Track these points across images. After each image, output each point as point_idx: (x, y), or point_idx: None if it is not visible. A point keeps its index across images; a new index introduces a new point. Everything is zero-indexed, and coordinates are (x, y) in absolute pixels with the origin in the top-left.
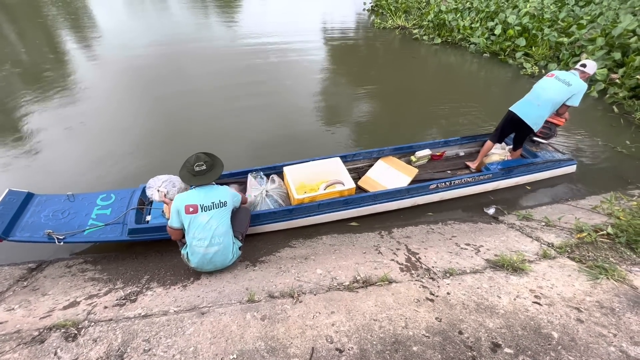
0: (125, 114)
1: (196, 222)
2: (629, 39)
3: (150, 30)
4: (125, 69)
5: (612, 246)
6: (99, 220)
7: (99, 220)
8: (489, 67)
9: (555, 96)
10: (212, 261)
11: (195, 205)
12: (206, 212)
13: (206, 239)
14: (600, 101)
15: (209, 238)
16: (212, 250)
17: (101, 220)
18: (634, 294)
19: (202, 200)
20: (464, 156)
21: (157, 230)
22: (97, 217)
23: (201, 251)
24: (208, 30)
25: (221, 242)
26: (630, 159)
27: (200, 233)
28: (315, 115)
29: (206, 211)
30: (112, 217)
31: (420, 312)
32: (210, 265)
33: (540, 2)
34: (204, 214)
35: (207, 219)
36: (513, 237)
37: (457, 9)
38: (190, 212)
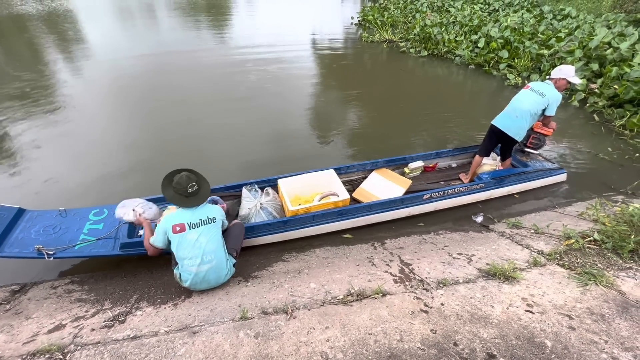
0: (117, 128)
1: (185, 240)
2: (605, 51)
3: (140, 43)
4: (116, 84)
5: (599, 252)
6: (91, 235)
7: (91, 235)
8: (475, 78)
9: (530, 107)
10: (205, 279)
11: (182, 224)
12: (194, 229)
13: (197, 256)
14: (582, 110)
15: (199, 256)
16: (204, 268)
17: (93, 235)
18: (622, 299)
19: (190, 219)
20: (457, 167)
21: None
22: (89, 231)
23: (194, 270)
24: (198, 45)
25: (213, 258)
26: (612, 166)
27: (191, 251)
28: (308, 128)
29: (194, 228)
30: (104, 231)
31: (415, 324)
32: (204, 283)
33: (520, 17)
34: (192, 231)
35: (196, 236)
36: (504, 245)
37: (441, 23)
38: (177, 231)
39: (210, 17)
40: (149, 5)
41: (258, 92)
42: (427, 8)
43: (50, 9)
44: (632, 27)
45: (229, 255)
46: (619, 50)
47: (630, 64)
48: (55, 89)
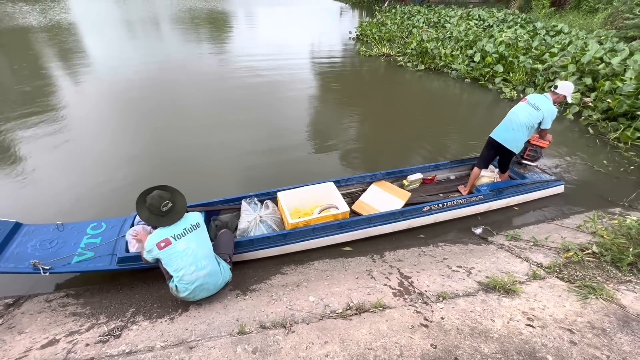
0: (115, 142)
1: (175, 252)
2: (597, 66)
3: (140, 56)
4: (116, 97)
5: (599, 265)
6: (88, 249)
7: (88, 249)
8: (471, 91)
9: (526, 120)
10: (204, 287)
11: (167, 239)
12: (181, 239)
13: (192, 264)
14: (576, 123)
15: (194, 263)
16: (201, 274)
17: (90, 249)
18: (622, 313)
19: (172, 231)
20: (455, 180)
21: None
22: (86, 246)
23: (191, 279)
24: (199, 59)
25: (207, 264)
26: (608, 178)
27: (184, 261)
28: (307, 141)
29: (180, 239)
30: (102, 246)
31: (415, 338)
32: (204, 292)
33: (514, 32)
34: (180, 241)
35: (186, 244)
36: (503, 257)
37: (438, 38)
38: (163, 247)
39: (211, 31)
40: (152, 18)
41: (258, 105)
42: (423, 24)
43: (53, 22)
44: (622, 43)
45: (222, 260)
46: (611, 65)
47: (622, 79)
48: (53, 102)
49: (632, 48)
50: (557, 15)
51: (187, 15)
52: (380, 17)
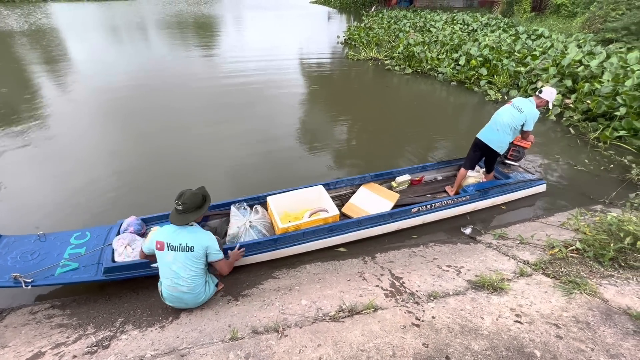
0: (101, 148)
1: (163, 259)
2: (576, 68)
3: (126, 62)
4: (100, 103)
5: (582, 260)
6: (72, 259)
7: (72, 259)
8: (457, 94)
9: (510, 121)
10: (182, 301)
11: (162, 242)
12: (171, 251)
13: (171, 278)
14: (558, 124)
15: (173, 278)
16: (178, 290)
17: (74, 259)
18: (605, 306)
19: (170, 239)
20: (442, 180)
21: (136, 267)
22: (70, 256)
23: (168, 290)
24: (186, 63)
25: (188, 284)
26: (590, 176)
27: (166, 272)
28: (296, 145)
29: (171, 250)
30: (86, 256)
31: (407, 338)
32: (181, 303)
33: (498, 36)
34: (170, 253)
35: (172, 259)
36: (491, 256)
37: (424, 42)
38: (158, 248)
39: (199, 35)
40: (139, 24)
41: (246, 110)
42: (410, 28)
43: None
44: (600, 46)
45: (211, 277)
46: (590, 67)
47: (600, 81)
48: (35, 108)
49: (609, 51)
50: (538, 20)
51: (175, 20)
52: (367, 21)
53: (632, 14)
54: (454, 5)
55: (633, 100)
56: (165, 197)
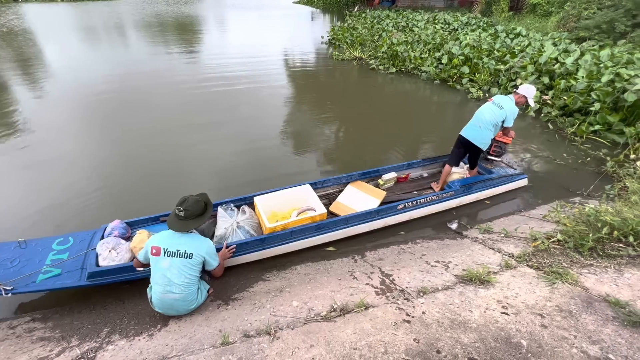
0: (82, 152)
1: (158, 265)
2: (553, 66)
3: (106, 64)
4: (80, 106)
5: (563, 251)
6: (54, 265)
7: (54, 265)
8: (440, 92)
9: (491, 118)
10: (173, 308)
11: (159, 248)
12: (168, 257)
13: (165, 285)
14: (537, 120)
15: (167, 285)
16: (170, 297)
17: (56, 265)
18: (586, 295)
19: (168, 245)
20: (428, 177)
21: (121, 271)
22: (52, 262)
23: (160, 296)
24: (168, 65)
25: (181, 291)
26: (568, 170)
27: (160, 278)
28: (282, 146)
29: (168, 256)
30: (69, 261)
31: (398, 335)
32: (172, 310)
33: (478, 35)
34: (166, 258)
35: (168, 265)
36: (477, 250)
37: (407, 42)
38: (154, 253)
39: (181, 36)
40: (117, 24)
41: (230, 110)
42: (392, 28)
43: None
44: (574, 44)
45: (204, 283)
46: (565, 65)
47: (575, 77)
48: (11, 112)
49: (582, 49)
50: (516, 19)
51: (155, 20)
52: (350, 21)
53: (603, 13)
54: (435, 5)
55: (606, 95)
56: (150, 200)
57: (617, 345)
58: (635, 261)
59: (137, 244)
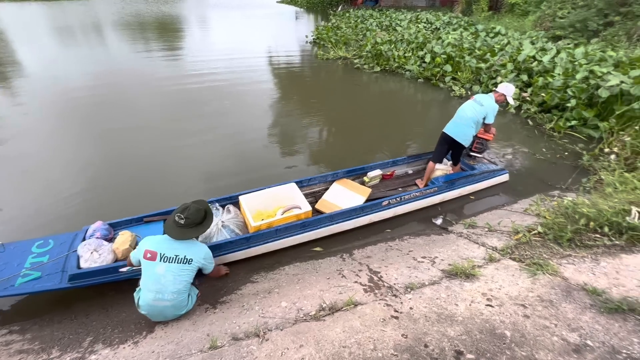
0: (62, 153)
1: (151, 270)
2: (531, 64)
3: (85, 64)
4: (60, 106)
5: (544, 243)
6: (34, 268)
7: (34, 268)
8: (424, 90)
9: (472, 115)
10: (162, 314)
11: (155, 253)
12: (165, 262)
13: (157, 292)
14: (517, 116)
15: (160, 292)
16: (161, 304)
17: (36, 268)
18: (565, 284)
19: (165, 250)
20: (413, 174)
21: (104, 273)
22: (32, 265)
23: (150, 302)
24: (151, 65)
25: (174, 298)
26: (547, 164)
27: (153, 284)
28: (268, 145)
29: (165, 262)
30: (49, 264)
31: (387, 331)
32: (161, 316)
33: (459, 34)
34: (162, 264)
35: (163, 271)
36: (462, 245)
37: (390, 41)
38: (148, 257)
39: (162, 36)
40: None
41: (215, 111)
42: (376, 27)
43: None
44: (550, 42)
45: (192, 287)
46: (542, 63)
47: (552, 75)
48: None
49: (558, 47)
50: (495, 18)
51: (135, 20)
52: (335, 21)
53: (577, 12)
54: (417, 5)
55: (581, 92)
56: (133, 200)
57: (595, 332)
58: (610, 250)
59: (120, 245)
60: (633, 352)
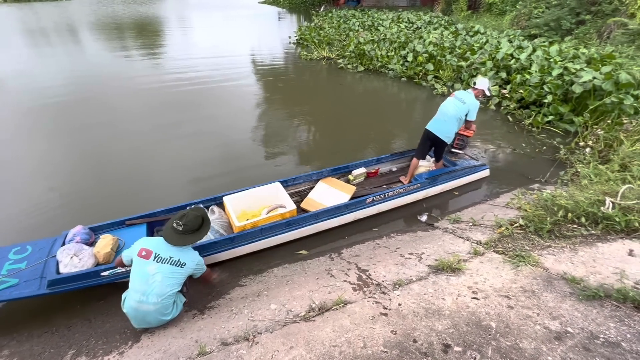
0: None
1: (142, 269)
2: (509, 61)
3: (61, 68)
4: (32, 112)
5: (525, 235)
6: (11, 275)
7: (11, 275)
8: (407, 89)
9: (454, 113)
10: (144, 320)
11: (150, 251)
12: (157, 262)
13: (143, 293)
14: (498, 113)
15: (145, 294)
16: (144, 308)
17: (13, 275)
18: (546, 274)
19: (161, 250)
20: (397, 171)
21: (84, 277)
22: (9, 272)
23: (134, 305)
24: (131, 68)
25: (157, 302)
26: (527, 158)
27: (140, 284)
28: (252, 145)
29: (158, 262)
30: (27, 270)
31: (376, 328)
32: (144, 323)
33: (440, 34)
34: (154, 264)
35: (154, 271)
36: (448, 240)
37: (373, 41)
38: (142, 255)
39: (142, 38)
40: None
41: (198, 113)
42: (359, 27)
43: None
44: (527, 41)
45: (181, 296)
46: (520, 60)
47: (529, 72)
48: None
49: (534, 45)
50: (474, 17)
51: (112, 22)
52: (317, 21)
53: (551, 12)
54: (399, 5)
55: (557, 88)
56: (115, 203)
57: (575, 319)
58: (587, 240)
59: (101, 248)
60: (610, 337)
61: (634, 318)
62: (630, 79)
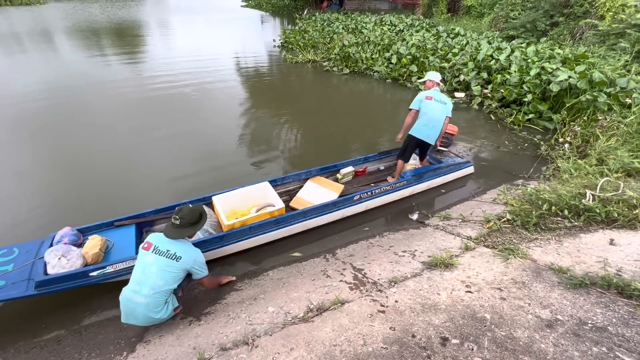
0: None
1: (142, 259)
2: (489, 62)
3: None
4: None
5: (513, 229)
6: None
7: None
8: (393, 91)
9: (440, 116)
10: (133, 314)
11: (151, 244)
12: (155, 254)
13: (137, 283)
14: (480, 112)
15: (139, 283)
16: (135, 299)
17: (0, 277)
18: (535, 266)
19: (159, 244)
20: (385, 170)
21: (72, 278)
22: None
23: (127, 295)
24: (113, 73)
25: (149, 295)
26: (510, 155)
27: (137, 274)
28: (240, 148)
29: (156, 254)
30: (14, 272)
31: (375, 326)
32: (131, 318)
33: (422, 36)
34: (152, 255)
35: (151, 261)
36: (439, 237)
37: (357, 43)
38: (144, 247)
39: (123, 42)
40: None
41: (184, 117)
42: (343, 30)
43: None
44: (505, 42)
45: (172, 297)
46: (500, 61)
47: (509, 72)
48: None
49: (512, 46)
50: (454, 20)
51: (89, 27)
52: (301, 24)
53: (526, 14)
54: (381, 8)
55: (535, 87)
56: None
57: (564, 307)
58: (571, 231)
59: (89, 249)
60: (597, 322)
61: (618, 303)
62: (603, 78)
